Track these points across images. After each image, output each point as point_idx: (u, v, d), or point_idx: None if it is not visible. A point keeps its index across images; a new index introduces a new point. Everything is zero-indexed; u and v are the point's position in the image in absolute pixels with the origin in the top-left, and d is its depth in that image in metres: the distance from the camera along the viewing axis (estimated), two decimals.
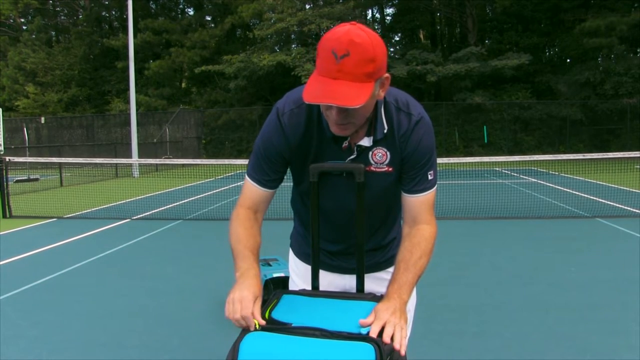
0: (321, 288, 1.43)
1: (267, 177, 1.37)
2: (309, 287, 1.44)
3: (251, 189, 1.39)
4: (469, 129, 22.38)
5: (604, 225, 6.56)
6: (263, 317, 1.16)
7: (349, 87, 1.08)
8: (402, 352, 1.07)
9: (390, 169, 1.31)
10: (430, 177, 1.32)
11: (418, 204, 1.33)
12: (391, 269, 1.46)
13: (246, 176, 1.40)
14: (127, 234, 6.49)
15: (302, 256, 1.55)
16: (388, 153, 1.30)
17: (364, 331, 1.10)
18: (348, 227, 1.40)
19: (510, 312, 3.48)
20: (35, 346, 3.04)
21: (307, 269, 1.51)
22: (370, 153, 1.30)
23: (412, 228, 1.33)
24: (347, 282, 1.49)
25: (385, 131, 1.28)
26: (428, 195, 1.33)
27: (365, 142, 1.29)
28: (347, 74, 1.07)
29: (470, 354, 2.84)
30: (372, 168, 1.31)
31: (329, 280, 1.47)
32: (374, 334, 1.08)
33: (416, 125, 1.28)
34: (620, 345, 2.89)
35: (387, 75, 1.17)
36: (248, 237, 1.32)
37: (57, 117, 25.89)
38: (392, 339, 1.08)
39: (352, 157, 1.30)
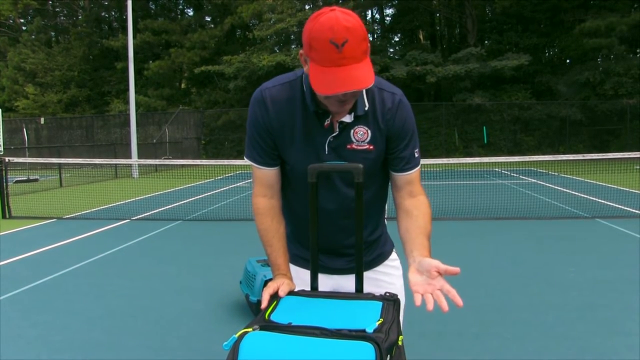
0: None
1: (262, 153, 1.38)
2: (299, 287, 1.44)
3: (256, 172, 1.42)
4: (469, 129, 22.39)
5: (604, 225, 6.56)
6: (263, 320, 1.17)
7: (357, 69, 1.15)
8: (461, 303, 1.12)
9: (371, 147, 1.35)
10: (416, 155, 1.42)
11: (411, 180, 1.42)
12: (378, 268, 1.51)
13: (245, 158, 1.43)
14: (127, 235, 6.49)
15: (289, 256, 1.52)
16: (369, 131, 1.35)
17: (368, 330, 1.10)
18: (327, 226, 1.41)
19: (510, 312, 3.48)
20: (35, 346, 3.04)
21: (295, 269, 1.50)
22: (352, 131, 1.34)
23: (412, 199, 1.41)
24: (334, 282, 1.49)
25: (365, 108, 1.33)
26: (418, 171, 1.44)
27: (347, 118, 1.33)
28: (351, 58, 1.14)
29: (470, 354, 2.84)
30: (354, 146, 1.35)
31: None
32: (449, 292, 1.16)
33: (400, 103, 1.36)
34: (620, 345, 2.89)
35: None
36: (267, 231, 1.44)
37: (56, 118, 25.88)
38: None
39: (335, 134, 1.34)
